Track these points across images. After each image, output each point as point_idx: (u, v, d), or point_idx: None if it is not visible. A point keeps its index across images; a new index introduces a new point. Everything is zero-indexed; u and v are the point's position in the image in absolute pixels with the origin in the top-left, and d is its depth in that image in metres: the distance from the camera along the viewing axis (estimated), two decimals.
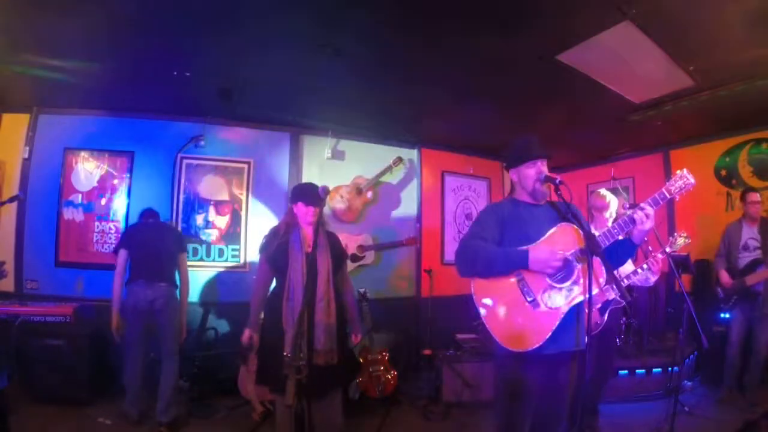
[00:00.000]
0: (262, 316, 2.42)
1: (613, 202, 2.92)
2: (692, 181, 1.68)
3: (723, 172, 4.28)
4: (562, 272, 1.70)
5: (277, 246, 2.35)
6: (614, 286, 2.58)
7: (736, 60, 2.81)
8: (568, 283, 1.70)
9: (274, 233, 2.42)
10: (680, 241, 2.80)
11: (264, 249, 2.42)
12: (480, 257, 1.75)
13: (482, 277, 1.77)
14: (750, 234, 3.40)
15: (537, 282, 1.71)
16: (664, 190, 1.69)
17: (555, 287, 1.70)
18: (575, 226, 1.73)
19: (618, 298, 2.60)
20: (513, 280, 1.73)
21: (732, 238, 3.48)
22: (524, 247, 1.71)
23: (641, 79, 3.15)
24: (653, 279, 2.78)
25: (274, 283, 2.43)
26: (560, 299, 1.69)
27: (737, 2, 2.24)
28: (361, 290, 3.78)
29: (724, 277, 3.44)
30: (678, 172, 1.70)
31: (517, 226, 1.80)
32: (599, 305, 2.61)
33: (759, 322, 3.25)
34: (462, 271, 1.82)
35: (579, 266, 1.70)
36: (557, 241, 1.72)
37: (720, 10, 2.30)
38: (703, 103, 3.44)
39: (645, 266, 2.73)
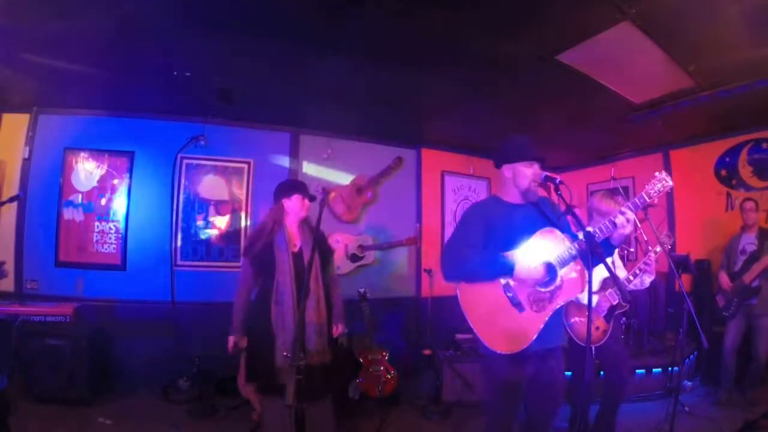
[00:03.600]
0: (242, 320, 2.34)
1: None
2: (670, 183, 1.72)
3: (723, 172, 4.28)
4: (546, 277, 1.75)
5: (262, 247, 2.25)
6: (616, 289, 2.59)
7: (736, 60, 2.81)
8: (551, 287, 1.75)
9: (258, 233, 2.31)
10: (667, 240, 2.78)
11: (248, 251, 2.31)
12: (468, 265, 1.77)
13: (468, 281, 1.81)
14: (747, 240, 3.47)
15: (522, 287, 1.76)
16: (644, 194, 1.73)
17: (539, 291, 1.75)
18: (557, 231, 1.79)
19: (622, 302, 2.59)
20: (499, 285, 1.76)
21: (732, 248, 3.56)
22: (510, 256, 1.75)
23: (641, 79, 3.15)
24: (649, 280, 2.75)
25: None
26: (545, 303, 1.75)
27: (737, 2, 2.24)
28: (361, 290, 3.78)
29: (724, 279, 3.46)
30: (657, 174, 1.74)
31: (503, 229, 1.82)
32: (605, 312, 2.61)
33: (757, 324, 3.26)
34: (447, 275, 1.84)
35: (562, 271, 1.75)
36: (540, 246, 1.76)
37: (720, 10, 2.30)
38: (703, 103, 3.44)
39: (638, 270, 2.70)
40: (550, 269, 1.75)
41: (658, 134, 4.34)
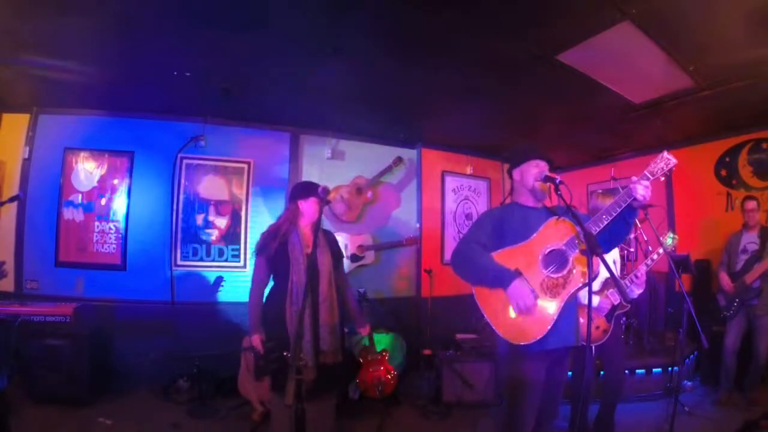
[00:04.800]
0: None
1: None
2: (674, 161, 1.67)
3: (723, 172, 4.28)
4: (558, 262, 1.77)
5: (277, 247, 2.29)
6: (616, 288, 2.59)
7: (736, 60, 2.81)
8: (564, 272, 1.76)
9: (273, 233, 2.33)
10: (669, 241, 2.80)
11: (263, 250, 2.32)
12: (473, 265, 1.85)
13: (472, 283, 1.86)
14: (749, 239, 3.44)
15: (535, 275, 1.78)
16: (646, 172, 1.70)
17: (552, 277, 1.76)
18: (567, 219, 1.80)
19: (623, 302, 2.60)
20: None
21: (732, 246, 3.53)
22: (514, 265, 1.78)
23: (641, 79, 3.15)
24: (637, 292, 2.74)
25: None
26: (558, 288, 1.76)
27: (737, 2, 2.24)
28: (361, 290, 3.78)
29: (725, 279, 3.44)
30: (661, 155, 1.70)
31: (514, 227, 1.88)
32: (606, 312, 2.61)
33: (758, 324, 3.26)
34: (456, 271, 1.94)
35: (572, 255, 1.76)
36: (549, 236, 1.80)
37: (720, 10, 2.30)
38: (703, 103, 3.45)
39: (634, 277, 2.70)
40: (560, 255, 1.77)
41: (658, 134, 4.34)
